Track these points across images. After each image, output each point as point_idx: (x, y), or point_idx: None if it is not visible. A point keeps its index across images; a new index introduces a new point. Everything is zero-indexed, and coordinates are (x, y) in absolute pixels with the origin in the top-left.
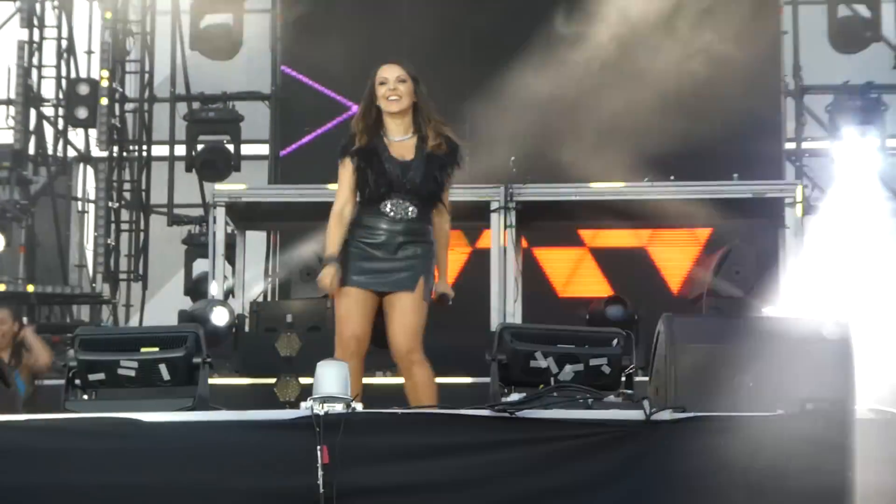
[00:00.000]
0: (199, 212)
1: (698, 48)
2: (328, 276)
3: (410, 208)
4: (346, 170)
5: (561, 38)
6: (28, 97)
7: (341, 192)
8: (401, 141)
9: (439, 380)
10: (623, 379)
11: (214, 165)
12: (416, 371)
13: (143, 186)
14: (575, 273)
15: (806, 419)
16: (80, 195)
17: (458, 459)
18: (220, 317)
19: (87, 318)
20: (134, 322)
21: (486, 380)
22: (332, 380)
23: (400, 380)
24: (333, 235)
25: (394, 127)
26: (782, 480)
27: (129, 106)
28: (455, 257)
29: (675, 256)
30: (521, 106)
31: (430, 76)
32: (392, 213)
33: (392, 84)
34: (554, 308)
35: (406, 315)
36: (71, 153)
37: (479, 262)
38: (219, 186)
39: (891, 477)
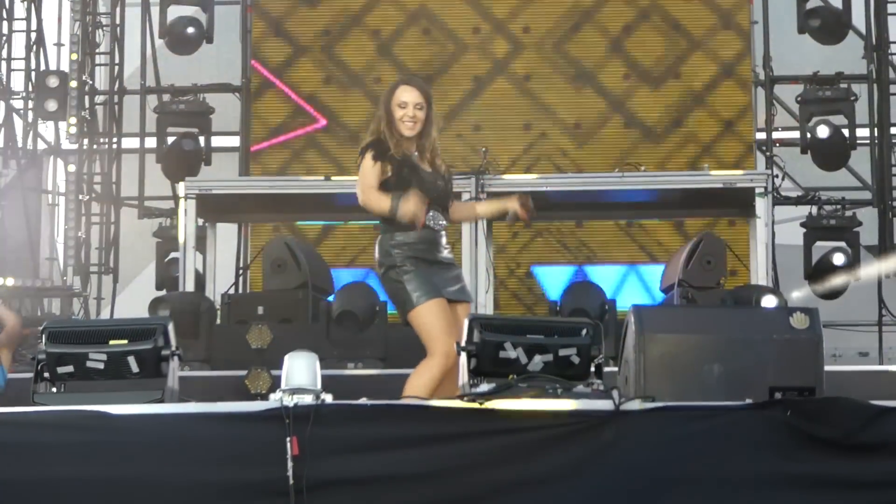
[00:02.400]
0: (170, 204)
1: (669, 37)
2: (414, 201)
3: (442, 220)
4: (375, 169)
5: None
6: None
7: (371, 184)
8: (416, 156)
9: (408, 371)
10: (592, 369)
11: (183, 164)
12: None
13: (114, 179)
14: None
15: (775, 408)
16: (50, 188)
17: (429, 450)
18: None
19: (58, 311)
20: (105, 315)
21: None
22: (301, 371)
23: (371, 371)
24: (383, 198)
25: (404, 143)
26: (751, 470)
27: (99, 98)
28: None
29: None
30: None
31: (399, 70)
32: (433, 225)
33: (412, 111)
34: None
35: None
36: (41, 146)
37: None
38: (189, 179)
39: None
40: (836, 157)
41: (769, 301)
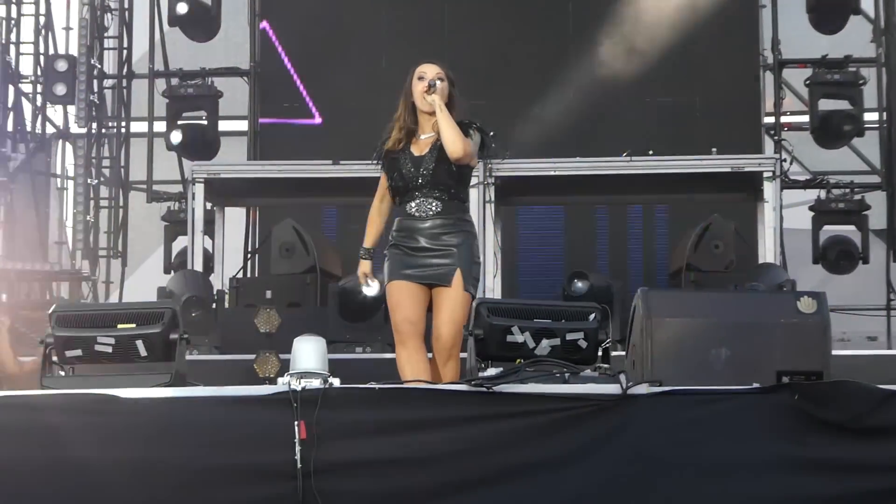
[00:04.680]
0: (178, 188)
1: (677, 23)
2: (361, 269)
3: (434, 204)
4: (383, 173)
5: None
6: (6, 74)
7: (379, 188)
8: (426, 138)
9: None
10: (600, 353)
11: (197, 146)
12: (450, 366)
13: (123, 163)
14: None
15: (782, 392)
16: (59, 172)
17: (436, 434)
18: None
19: (66, 295)
20: (114, 299)
21: (464, 355)
22: (309, 355)
23: (379, 355)
24: (369, 229)
25: (424, 123)
26: (758, 453)
27: (107, 82)
28: None
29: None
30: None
31: (412, 55)
32: (417, 213)
33: (428, 81)
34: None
35: (452, 307)
36: (50, 130)
37: None
38: (197, 163)
39: None
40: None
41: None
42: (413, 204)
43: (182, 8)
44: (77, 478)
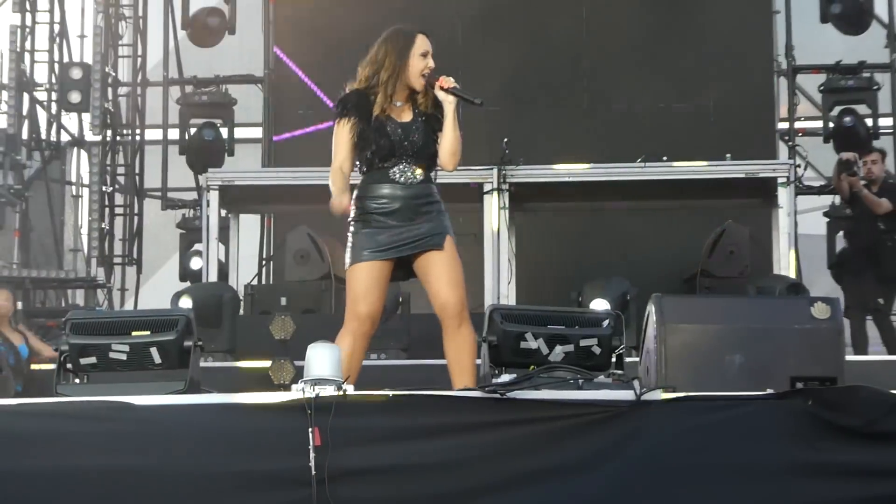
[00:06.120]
0: (193, 195)
1: (691, 29)
2: (339, 202)
3: (418, 171)
4: (344, 129)
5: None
6: (21, 82)
7: (339, 149)
8: (402, 105)
9: (430, 361)
10: (613, 359)
11: (206, 155)
12: (465, 329)
13: (137, 170)
14: None
15: (796, 398)
16: (73, 179)
17: (450, 440)
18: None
19: (81, 303)
20: (129, 306)
21: (477, 361)
22: (323, 362)
23: (393, 361)
24: (338, 184)
25: (400, 91)
26: (773, 459)
27: (122, 90)
28: None
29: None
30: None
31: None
32: (401, 179)
33: (430, 61)
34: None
35: (452, 270)
36: (64, 137)
37: (471, 245)
38: (212, 170)
39: None
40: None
41: None
42: (396, 170)
43: (212, 21)
44: (91, 485)
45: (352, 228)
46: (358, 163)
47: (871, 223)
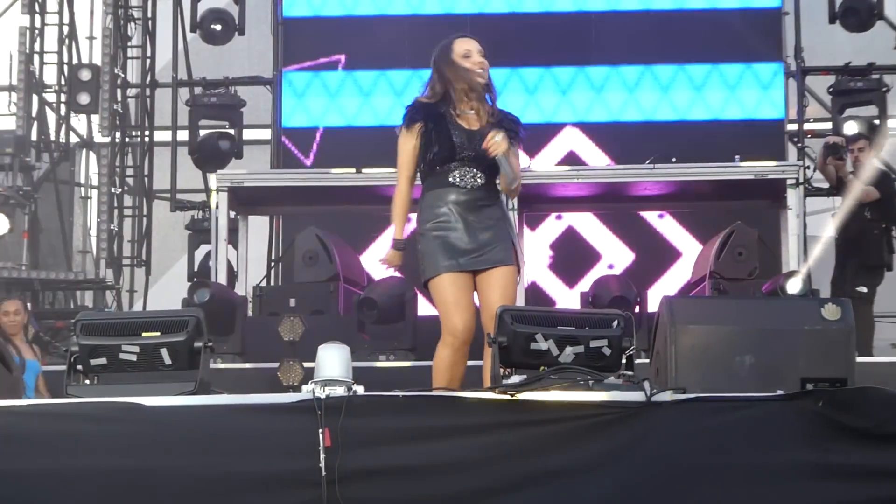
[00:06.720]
0: (202, 197)
1: (700, 31)
2: (396, 261)
3: (479, 175)
4: (409, 142)
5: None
6: (30, 83)
7: (404, 160)
8: (466, 115)
9: None
10: (624, 360)
11: (215, 157)
12: None
13: (146, 172)
14: None
15: (807, 399)
16: (82, 181)
17: (460, 441)
18: None
19: (91, 304)
20: (138, 307)
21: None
22: (333, 363)
23: (402, 363)
24: (402, 217)
25: (461, 96)
26: (783, 460)
27: (131, 91)
28: None
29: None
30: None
31: None
32: (460, 183)
33: (478, 57)
34: None
35: (507, 289)
36: (73, 139)
37: None
38: (221, 171)
39: None
40: None
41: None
42: (457, 173)
43: (219, 26)
44: (101, 486)
45: (421, 238)
46: (420, 166)
47: (858, 211)
